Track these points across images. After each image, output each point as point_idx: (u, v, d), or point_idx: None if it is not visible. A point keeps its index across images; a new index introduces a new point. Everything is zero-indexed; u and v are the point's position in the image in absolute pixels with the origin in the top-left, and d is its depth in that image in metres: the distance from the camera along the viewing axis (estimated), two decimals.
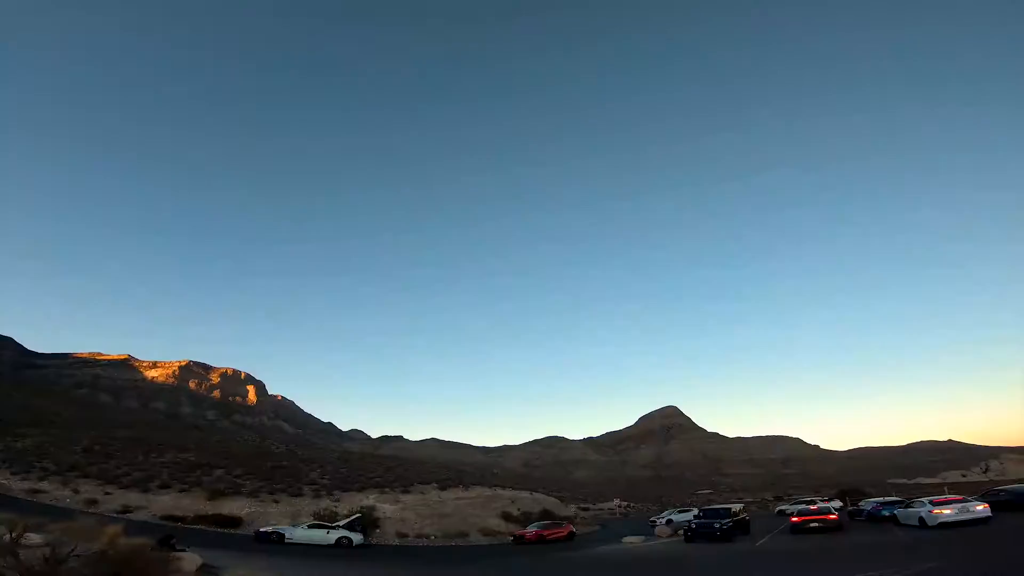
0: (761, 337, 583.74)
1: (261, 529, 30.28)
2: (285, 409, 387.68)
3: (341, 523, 30.63)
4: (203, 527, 33.51)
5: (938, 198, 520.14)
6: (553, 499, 77.96)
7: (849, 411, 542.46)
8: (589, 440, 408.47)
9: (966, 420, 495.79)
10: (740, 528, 32.44)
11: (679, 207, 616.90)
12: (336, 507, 40.51)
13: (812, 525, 29.87)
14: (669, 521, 51.70)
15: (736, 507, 35.84)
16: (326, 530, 29.08)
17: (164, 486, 39.56)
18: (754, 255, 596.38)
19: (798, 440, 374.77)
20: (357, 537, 29.22)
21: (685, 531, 32.22)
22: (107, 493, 36.09)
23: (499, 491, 61.81)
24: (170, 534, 14.42)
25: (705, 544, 29.08)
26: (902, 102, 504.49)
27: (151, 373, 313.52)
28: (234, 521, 34.94)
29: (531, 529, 38.64)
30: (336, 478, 52.18)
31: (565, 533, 39.16)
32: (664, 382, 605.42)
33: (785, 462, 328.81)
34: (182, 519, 34.15)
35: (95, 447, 57.68)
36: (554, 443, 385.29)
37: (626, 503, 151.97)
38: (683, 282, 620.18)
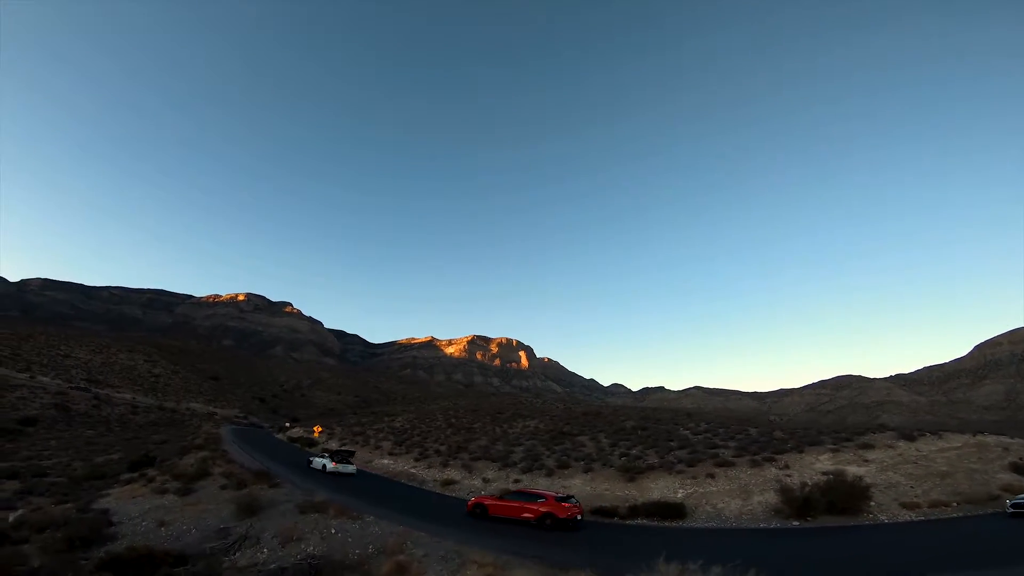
0: None
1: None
2: (552, 370, 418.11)
3: (327, 455, 35.89)
4: (642, 520, 23.69)
5: None
6: None
7: None
8: (898, 377, 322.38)
9: None
10: None
11: None
12: (790, 475, 27.58)
13: None
14: None
15: None
16: (324, 458, 35.06)
17: (563, 466, 31.43)
18: None
19: None
20: (329, 464, 33.76)
21: None
22: (516, 480, 29.25)
23: (981, 437, 40.15)
24: None
25: None
26: None
27: (448, 350, 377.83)
28: (676, 509, 24.05)
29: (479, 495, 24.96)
30: (746, 439, 38.94)
31: (535, 514, 21.05)
32: (1013, 297, 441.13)
33: None
34: (614, 512, 24.79)
35: (452, 420, 58.07)
36: (848, 383, 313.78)
37: None
38: None
